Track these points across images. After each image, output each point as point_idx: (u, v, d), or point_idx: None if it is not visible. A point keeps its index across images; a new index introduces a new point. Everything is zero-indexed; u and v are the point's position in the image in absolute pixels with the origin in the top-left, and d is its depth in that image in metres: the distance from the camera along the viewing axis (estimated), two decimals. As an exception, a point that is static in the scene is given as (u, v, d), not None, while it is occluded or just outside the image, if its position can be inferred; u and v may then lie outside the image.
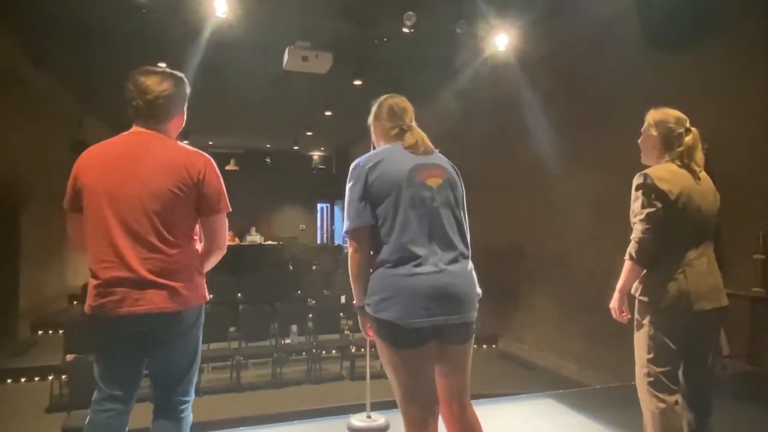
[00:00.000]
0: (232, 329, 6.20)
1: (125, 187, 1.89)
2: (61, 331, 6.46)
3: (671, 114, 2.29)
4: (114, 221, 1.88)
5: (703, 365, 2.24)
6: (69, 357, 5.19)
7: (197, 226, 2.05)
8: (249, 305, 6.75)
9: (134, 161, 1.93)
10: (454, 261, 1.85)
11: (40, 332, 7.94)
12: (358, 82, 7.96)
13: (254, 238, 14.37)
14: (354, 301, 1.95)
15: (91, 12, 5.95)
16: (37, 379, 6.08)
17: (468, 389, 1.99)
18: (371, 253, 1.90)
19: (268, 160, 17.82)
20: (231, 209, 2.07)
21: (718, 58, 4.61)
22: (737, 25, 4.44)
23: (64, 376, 4.87)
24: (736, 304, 4.25)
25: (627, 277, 2.20)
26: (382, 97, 2.12)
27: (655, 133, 2.28)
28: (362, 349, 6.20)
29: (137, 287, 1.86)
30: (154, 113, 2.01)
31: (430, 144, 2.01)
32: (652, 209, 2.12)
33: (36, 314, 8.08)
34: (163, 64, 2.37)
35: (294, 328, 6.56)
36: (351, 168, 1.94)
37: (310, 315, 6.93)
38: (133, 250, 1.87)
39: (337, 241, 19.20)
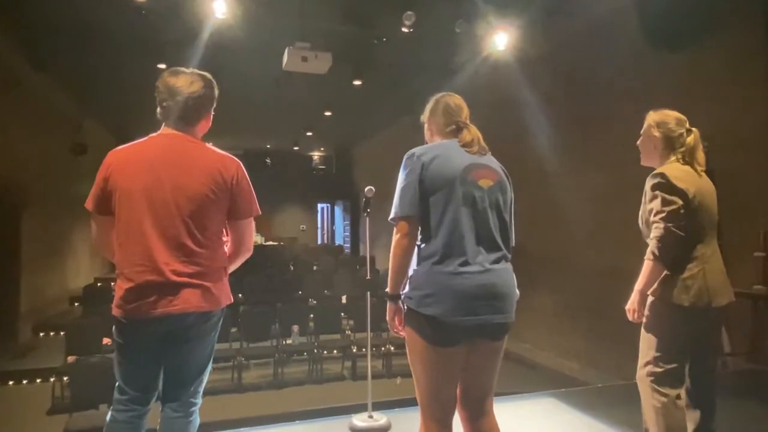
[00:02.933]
0: (233, 330, 6.20)
1: (163, 191, 1.90)
2: (62, 333, 6.46)
3: (671, 115, 2.30)
4: (150, 225, 1.88)
5: (710, 362, 2.27)
6: (70, 359, 5.19)
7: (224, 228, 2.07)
8: (250, 306, 6.76)
9: (171, 165, 1.93)
10: (498, 261, 1.87)
11: (41, 334, 7.95)
12: (357, 83, 7.96)
13: (255, 238, 14.34)
14: (387, 289, 1.91)
15: (90, 14, 5.95)
16: (38, 381, 6.09)
17: (492, 394, 1.98)
18: (417, 244, 1.89)
19: (268, 160, 17.81)
20: (260, 213, 2.11)
21: (717, 57, 4.61)
22: (736, 25, 4.44)
23: (65, 378, 4.86)
24: (737, 302, 4.24)
25: (649, 277, 2.15)
26: (439, 95, 2.11)
27: (657, 133, 2.29)
28: (363, 349, 6.21)
29: (172, 289, 1.88)
30: (184, 114, 2.01)
31: (484, 144, 2.01)
32: (674, 206, 2.10)
33: (37, 316, 8.09)
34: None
35: (295, 328, 6.56)
36: (406, 157, 1.93)
37: (311, 315, 6.93)
38: (168, 254, 1.88)
39: (338, 242, 19.21)
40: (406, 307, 1.87)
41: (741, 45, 4.46)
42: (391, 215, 1.90)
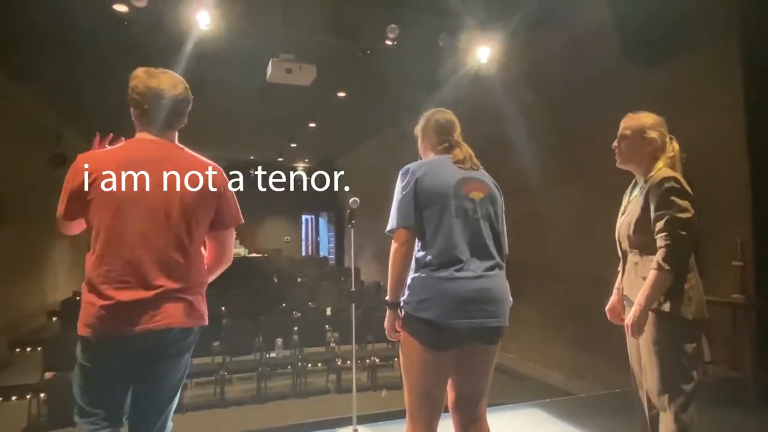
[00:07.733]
0: (215, 343, 6.11)
1: (149, 200, 1.79)
2: (39, 349, 6.30)
3: (659, 118, 2.22)
4: (135, 236, 1.75)
5: None
6: (48, 375, 5.07)
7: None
8: (233, 319, 6.67)
9: (158, 173, 1.81)
10: (492, 269, 1.96)
11: (17, 350, 7.73)
12: (341, 94, 8.00)
13: (238, 250, 14.26)
14: (387, 297, 1.99)
15: (71, 24, 5.89)
16: (14, 398, 5.91)
17: (484, 400, 2.05)
18: (414, 254, 1.97)
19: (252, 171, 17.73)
20: (243, 221, 2.02)
21: (694, 71, 4.73)
22: (712, 41, 4.57)
23: (42, 395, 4.74)
24: (717, 311, 4.32)
25: (658, 288, 1.97)
26: (429, 112, 2.24)
27: (655, 135, 2.17)
28: (348, 362, 6.16)
29: (155, 303, 1.76)
30: (169, 119, 1.90)
31: (476, 160, 2.15)
32: (689, 214, 2.00)
33: (13, 331, 7.88)
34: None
35: (279, 341, 6.49)
36: (401, 172, 2.05)
37: (296, 328, 6.86)
38: (154, 267, 1.76)
39: (323, 253, 19.13)
40: (403, 312, 1.94)
41: (717, 60, 4.58)
42: (389, 227, 1.99)
